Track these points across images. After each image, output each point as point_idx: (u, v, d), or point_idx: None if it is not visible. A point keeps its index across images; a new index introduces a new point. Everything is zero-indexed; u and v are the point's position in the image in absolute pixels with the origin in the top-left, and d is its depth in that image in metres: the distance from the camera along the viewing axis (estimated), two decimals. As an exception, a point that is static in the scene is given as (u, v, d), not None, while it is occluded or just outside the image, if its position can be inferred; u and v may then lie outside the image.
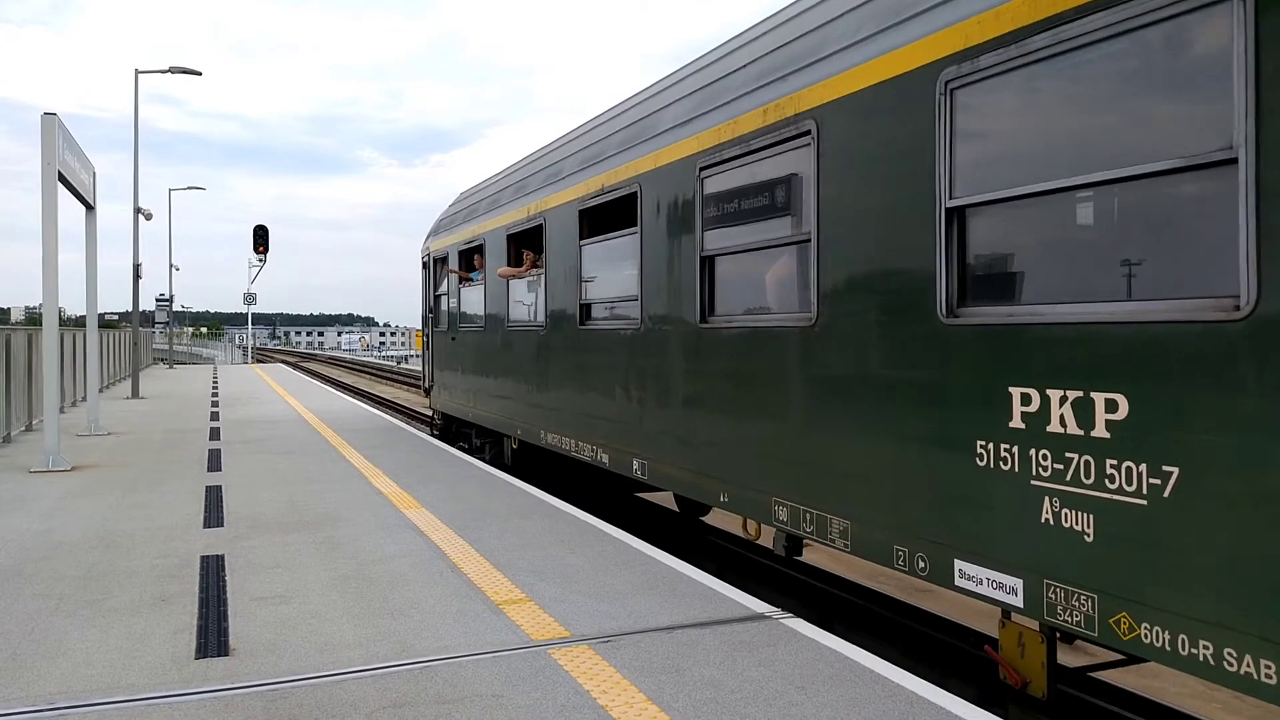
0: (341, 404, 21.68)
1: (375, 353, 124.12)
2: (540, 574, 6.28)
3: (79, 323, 28.84)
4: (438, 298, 15.62)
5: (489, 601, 5.67)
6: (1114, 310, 3.74)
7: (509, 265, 11.47)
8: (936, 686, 4.39)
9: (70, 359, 18.73)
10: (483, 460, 12.13)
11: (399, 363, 75.88)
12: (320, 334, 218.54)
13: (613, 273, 8.91)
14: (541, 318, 10.37)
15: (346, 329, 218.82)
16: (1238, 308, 3.25)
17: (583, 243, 9.21)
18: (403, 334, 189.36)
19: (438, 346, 15.68)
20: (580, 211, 9.21)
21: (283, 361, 60.78)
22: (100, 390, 17.10)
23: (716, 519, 10.41)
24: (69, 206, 13.01)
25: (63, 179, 11.71)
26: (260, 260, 39.26)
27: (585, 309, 9.31)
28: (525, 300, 11.13)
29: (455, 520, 8.00)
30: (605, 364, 8.78)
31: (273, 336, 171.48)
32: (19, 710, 4.13)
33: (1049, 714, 5.89)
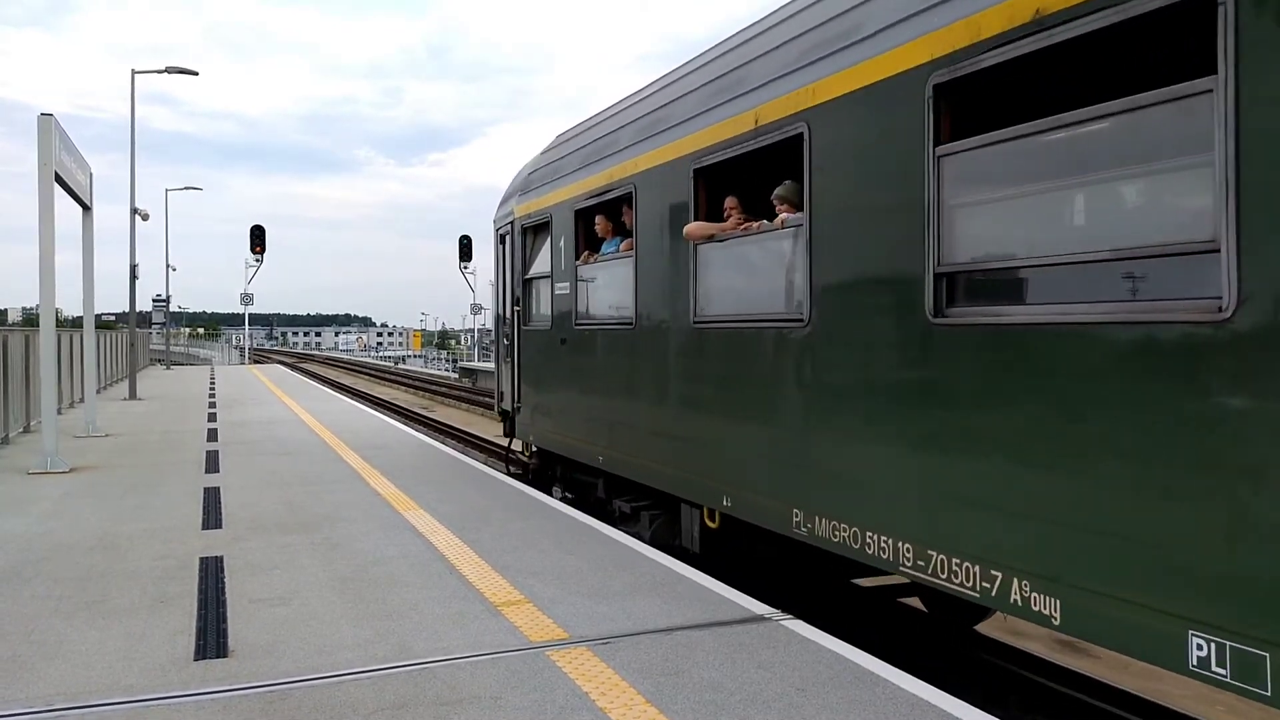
0: (339, 405, 21.67)
1: (373, 353, 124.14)
2: (539, 575, 6.28)
3: (76, 323, 28.84)
4: (528, 282, 11.01)
5: (487, 603, 5.67)
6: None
7: (698, 219, 7.12)
8: (938, 689, 4.39)
9: (67, 360, 18.71)
10: (632, 535, 7.71)
11: (396, 363, 75.94)
12: (317, 334, 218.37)
13: (1048, 205, 4.46)
14: (792, 304, 6.04)
15: (344, 329, 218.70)
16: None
17: (941, 150, 4.75)
18: (400, 334, 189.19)
19: (532, 352, 10.91)
20: (939, 88, 4.74)
21: (280, 362, 60.79)
22: (98, 391, 17.10)
23: (1002, 630, 7.21)
24: (65, 207, 13.00)
25: (59, 180, 11.69)
26: (257, 260, 39.21)
27: (945, 284, 4.79)
28: (742, 276, 6.88)
29: (453, 521, 8.00)
30: (1041, 400, 4.25)
31: (270, 337, 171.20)
32: (18, 712, 4.13)
33: (1054, 715, 5.90)
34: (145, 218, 28.02)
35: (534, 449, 11.51)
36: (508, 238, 11.71)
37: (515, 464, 12.85)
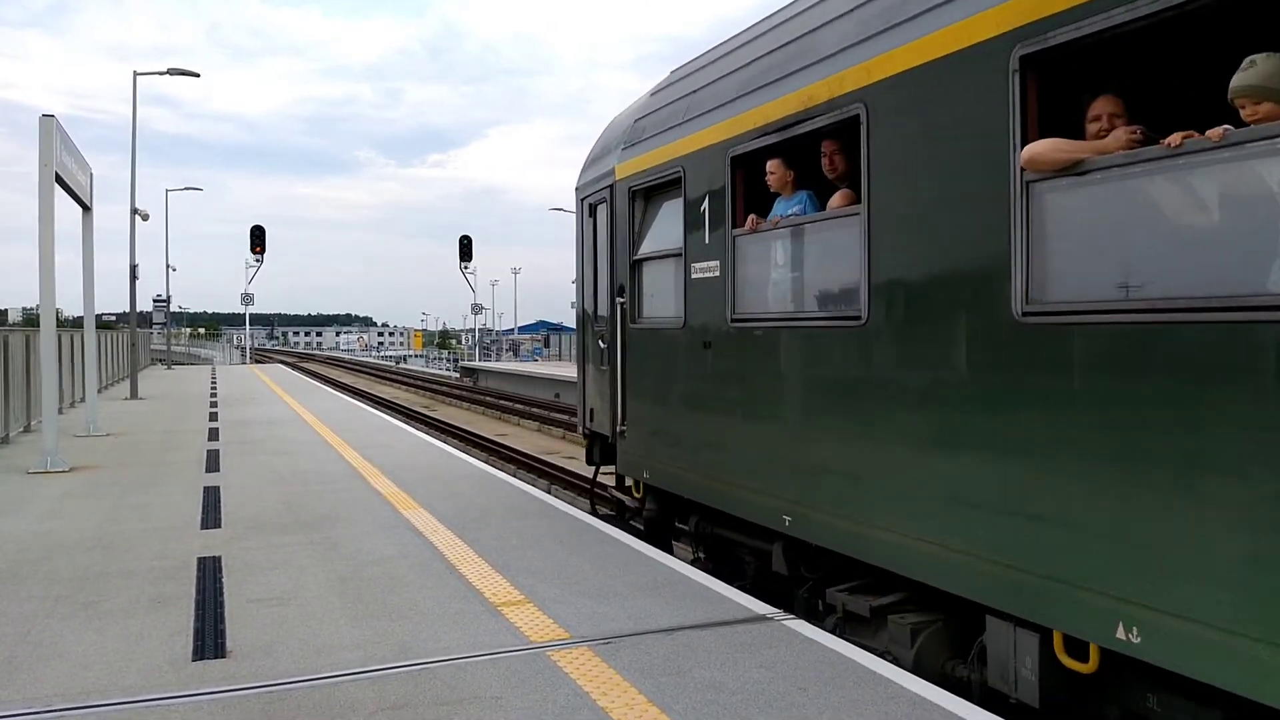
0: (339, 404, 21.67)
1: (374, 353, 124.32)
2: (540, 575, 6.25)
3: (76, 323, 28.84)
4: (639, 264, 8.11)
5: (488, 603, 5.64)
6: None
7: (1030, 140, 4.21)
8: (939, 688, 4.36)
9: (68, 360, 18.70)
10: (868, 648, 5.04)
11: (397, 363, 76.10)
12: (318, 334, 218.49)
13: None
14: None
15: (345, 329, 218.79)
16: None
17: None
18: (401, 334, 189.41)
19: (649, 358, 7.97)
20: None
21: (281, 362, 60.83)
22: (98, 391, 17.08)
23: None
24: (66, 207, 13.00)
25: (60, 180, 11.68)
26: (258, 260, 39.31)
27: None
28: (1156, 232, 3.90)
29: (454, 520, 7.97)
30: None
31: (270, 337, 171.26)
32: (15, 713, 4.10)
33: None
34: (145, 218, 28.03)
35: (653, 490, 8.23)
36: (603, 208, 8.76)
37: (605, 501, 9.75)
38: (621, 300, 8.26)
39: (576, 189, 9.69)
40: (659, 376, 7.82)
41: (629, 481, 8.80)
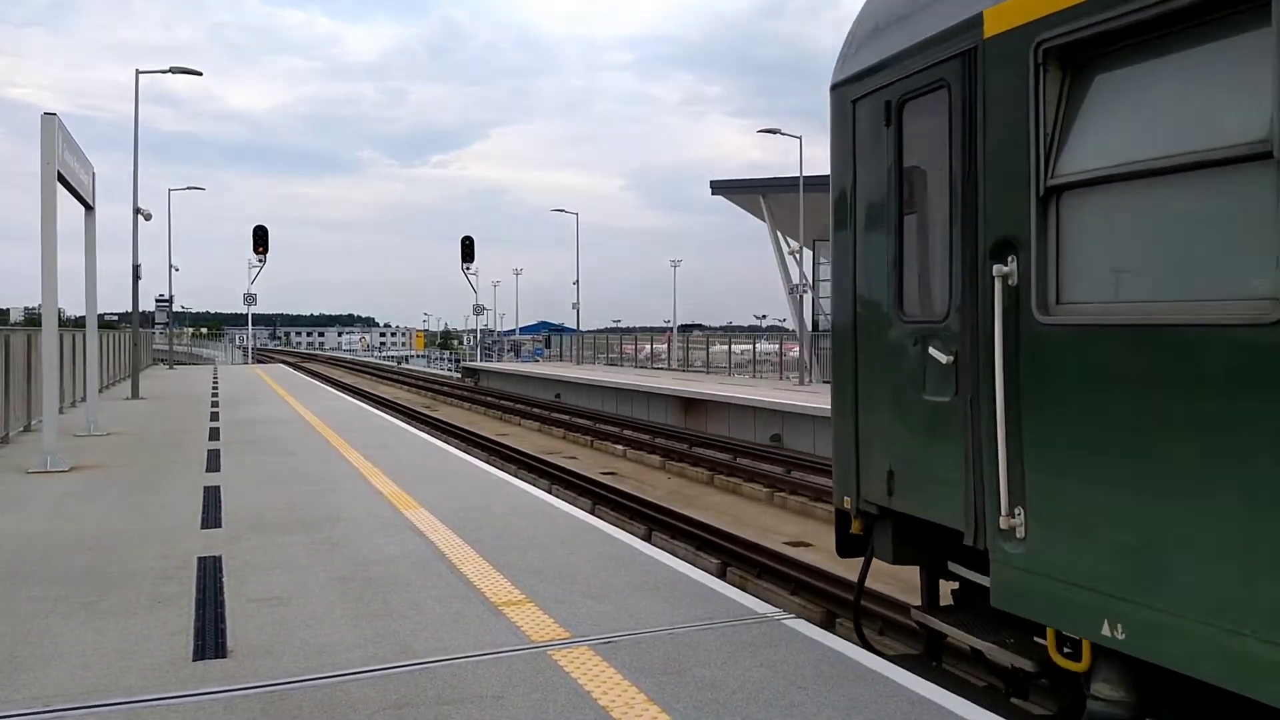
0: (341, 404, 21.68)
1: (375, 353, 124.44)
2: (540, 574, 6.25)
3: (78, 323, 28.87)
4: (1054, 196, 3.97)
5: (489, 603, 5.64)
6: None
7: None
8: (939, 686, 4.36)
9: (69, 359, 18.71)
10: None
11: (399, 363, 76.25)
12: (321, 334, 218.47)
13: None
14: None
15: (347, 329, 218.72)
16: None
17: None
18: (403, 334, 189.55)
19: (1095, 386, 3.76)
20: None
21: (283, 362, 60.84)
22: (99, 391, 17.09)
23: None
24: (68, 207, 13.01)
25: (62, 179, 11.70)
26: (260, 261, 39.42)
27: None
28: None
29: (454, 520, 7.97)
30: None
31: (273, 337, 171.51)
32: (16, 713, 4.11)
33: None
34: (148, 217, 28.02)
35: (1092, 648, 3.89)
36: (933, 101, 4.73)
37: (907, 624, 7.25)
38: (1004, 270, 4.20)
39: (834, 87, 5.64)
40: (1172, 429, 3.52)
41: (952, 587, 5.27)
